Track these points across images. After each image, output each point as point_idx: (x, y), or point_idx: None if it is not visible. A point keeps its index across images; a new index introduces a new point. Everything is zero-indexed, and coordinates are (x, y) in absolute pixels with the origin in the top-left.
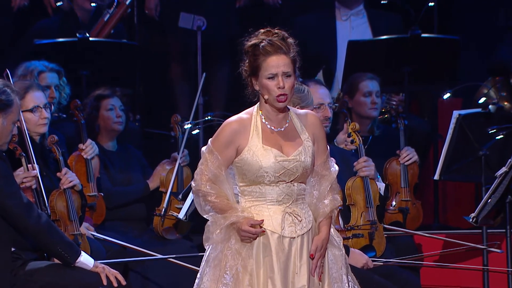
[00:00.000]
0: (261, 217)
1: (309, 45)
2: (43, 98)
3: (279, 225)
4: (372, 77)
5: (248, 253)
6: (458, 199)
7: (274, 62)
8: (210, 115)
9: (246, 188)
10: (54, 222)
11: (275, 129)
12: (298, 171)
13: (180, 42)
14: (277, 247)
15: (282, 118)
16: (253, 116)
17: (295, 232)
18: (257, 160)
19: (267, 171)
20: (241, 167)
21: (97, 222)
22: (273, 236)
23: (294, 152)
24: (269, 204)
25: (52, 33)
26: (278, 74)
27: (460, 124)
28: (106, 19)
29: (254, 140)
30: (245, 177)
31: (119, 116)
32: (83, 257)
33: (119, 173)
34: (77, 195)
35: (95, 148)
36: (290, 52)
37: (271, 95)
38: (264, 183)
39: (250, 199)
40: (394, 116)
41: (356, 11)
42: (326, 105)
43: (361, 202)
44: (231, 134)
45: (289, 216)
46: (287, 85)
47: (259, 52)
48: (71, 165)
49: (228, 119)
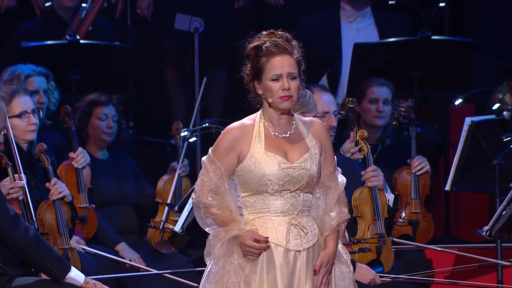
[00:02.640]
0: (264, 229)
1: (312, 48)
2: (30, 103)
3: (283, 237)
4: (383, 84)
5: (252, 268)
6: (471, 211)
7: (278, 62)
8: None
9: (249, 199)
10: (43, 235)
11: (279, 135)
12: (303, 179)
13: (176, 44)
14: (281, 261)
15: (287, 124)
16: (256, 121)
17: (301, 245)
18: (259, 167)
19: (271, 179)
20: (243, 176)
21: (88, 235)
22: (278, 249)
23: (299, 159)
24: (273, 216)
25: (37, 35)
26: (283, 75)
27: (472, 132)
28: (83, 15)
29: (256, 147)
30: (247, 187)
31: (110, 127)
32: (73, 273)
33: (110, 184)
34: (67, 207)
35: (87, 157)
36: (295, 53)
37: (275, 97)
38: (268, 193)
39: (253, 210)
40: (405, 123)
41: (362, 12)
42: (331, 113)
43: (368, 214)
44: (232, 140)
45: (294, 228)
46: (292, 86)
47: (262, 53)
48: (60, 175)
49: (229, 125)
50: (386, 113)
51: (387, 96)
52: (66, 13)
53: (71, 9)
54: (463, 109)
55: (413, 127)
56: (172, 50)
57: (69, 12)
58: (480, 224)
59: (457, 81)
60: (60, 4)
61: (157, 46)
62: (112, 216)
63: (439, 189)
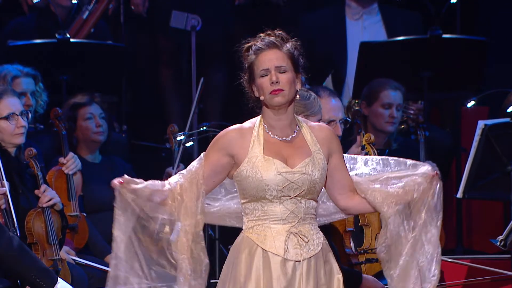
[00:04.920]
0: (263, 237)
1: (316, 47)
2: (19, 105)
3: (282, 247)
4: (396, 87)
5: (247, 278)
6: (484, 220)
7: (265, 57)
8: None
9: (248, 206)
10: (31, 245)
11: (279, 138)
12: (304, 185)
13: (172, 43)
14: (279, 271)
15: (288, 126)
16: (255, 125)
17: (301, 255)
18: (257, 172)
19: (268, 184)
20: (241, 181)
21: (79, 245)
22: (275, 259)
23: (300, 163)
24: (272, 223)
25: (27, 33)
26: (270, 69)
27: (486, 136)
28: (85, 16)
29: (254, 151)
30: (245, 193)
31: (99, 125)
32: (60, 285)
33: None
34: (57, 216)
35: (78, 162)
36: (285, 47)
37: (266, 94)
38: (266, 199)
39: (252, 218)
40: (413, 126)
41: (369, 9)
42: (338, 122)
43: (375, 222)
44: (226, 141)
45: (294, 237)
46: (282, 80)
47: (251, 52)
48: (50, 182)
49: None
50: (397, 119)
51: (400, 101)
52: (63, 12)
53: (66, 8)
54: (476, 111)
55: (422, 130)
56: (168, 49)
57: (64, 11)
58: (494, 234)
59: (469, 82)
60: (57, 2)
61: (152, 45)
62: (105, 223)
63: (450, 197)
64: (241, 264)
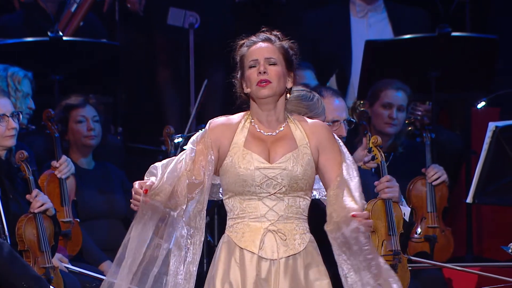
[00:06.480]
0: (240, 235)
1: (320, 46)
2: (9, 106)
3: (256, 245)
4: (399, 88)
5: (225, 277)
6: (495, 226)
7: (256, 49)
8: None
9: (227, 203)
10: (22, 253)
11: (264, 133)
12: (284, 181)
13: (169, 42)
14: (252, 270)
15: (275, 121)
16: (243, 118)
17: (277, 253)
18: (235, 167)
19: (246, 180)
20: (221, 176)
21: (72, 252)
22: (249, 257)
23: (280, 158)
24: (250, 221)
25: (16, 30)
26: (260, 60)
27: (497, 138)
28: (74, 9)
29: (237, 144)
30: (226, 188)
31: (91, 128)
32: None
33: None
34: (50, 221)
35: (71, 166)
36: (278, 43)
37: (253, 85)
38: (244, 195)
39: (232, 216)
40: (418, 128)
41: (374, 6)
42: (342, 122)
43: (382, 229)
44: (211, 132)
45: (272, 235)
46: (270, 71)
47: (244, 46)
48: (42, 186)
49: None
50: (399, 121)
51: (402, 102)
52: (50, 6)
53: (56, 2)
54: (486, 113)
55: (427, 132)
56: (165, 48)
57: (53, 5)
58: (505, 241)
59: (479, 82)
60: None
61: (148, 43)
62: (99, 231)
63: (460, 202)
64: (219, 263)
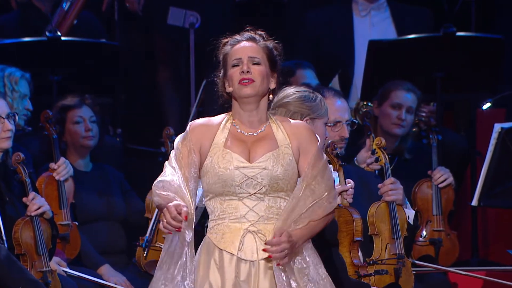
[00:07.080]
0: (220, 236)
1: (321, 46)
2: (5, 107)
3: (235, 246)
4: (410, 89)
5: (204, 279)
6: (501, 229)
7: (239, 48)
8: None
9: (208, 204)
10: (19, 256)
11: (245, 133)
12: (264, 181)
13: (169, 42)
14: (232, 271)
15: (257, 122)
16: (224, 119)
17: (257, 254)
18: (215, 167)
19: (225, 180)
20: (202, 177)
21: (71, 256)
22: (228, 258)
23: (260, 157)
24: (230, 222)
25: (12, 30)
26: (243, 59)
27: (503, 140)
28: (67, 7)
29: (217, 144)
30: (206, 189)
31: (88, 129)
32: None
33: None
34: (47, 225)
35: (69, 168)
36: (262, 42)
37: (235, 84)
38: (225, 195)
39: (213, 217)
40: (424, 130)
41: (377, 4)
42: (344, 123)
43: (386, 232)
44: (192, 133)
45: (251, 236)
46: (254, 71)
47: (227, 44)
48: (40, 189)
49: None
50: (407, 123)
51: (412, 104)
52: (45, 5)
53: (51, 1)
54: (492, 114)
55: (434, 134)
56: (165, 48)
57: (48, 4)
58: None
59: (485, 83)
60: None
61: (148, 43)
62: (98, 234)
63: (465, 204)
64: (199, 265)
